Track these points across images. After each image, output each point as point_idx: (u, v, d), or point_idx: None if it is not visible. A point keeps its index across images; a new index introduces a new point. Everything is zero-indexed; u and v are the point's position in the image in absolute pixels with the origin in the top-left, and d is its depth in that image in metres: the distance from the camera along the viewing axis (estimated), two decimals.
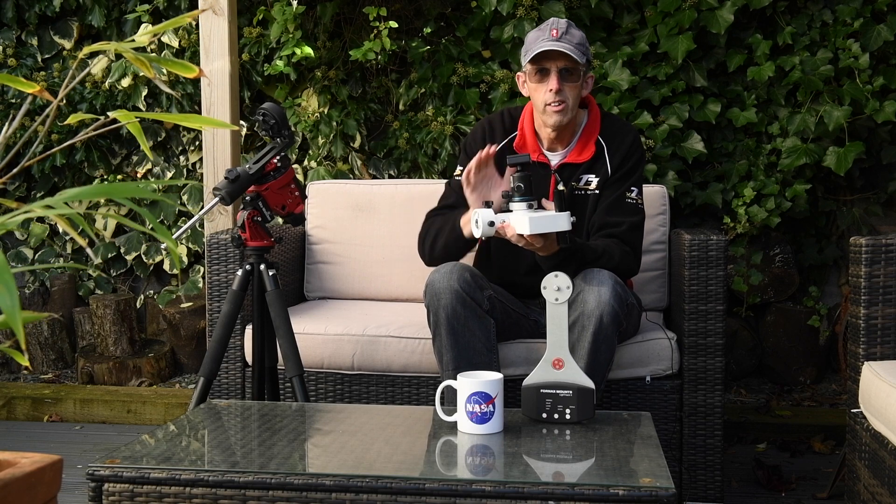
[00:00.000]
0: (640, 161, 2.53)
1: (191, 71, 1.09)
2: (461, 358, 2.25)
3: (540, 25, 2.49)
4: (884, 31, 3.41)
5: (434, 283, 2.28)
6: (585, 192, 2.51)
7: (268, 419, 1.87)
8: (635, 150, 2.53)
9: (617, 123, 2.58)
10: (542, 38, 2.41)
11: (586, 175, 2.51)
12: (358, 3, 3.74)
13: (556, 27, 2.42)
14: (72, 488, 2.67)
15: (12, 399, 3.60)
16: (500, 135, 2.58)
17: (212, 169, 3.39)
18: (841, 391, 3.53)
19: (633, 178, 2.50)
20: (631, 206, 2.47)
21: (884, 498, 2.05)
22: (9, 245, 4.16)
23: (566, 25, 2.44)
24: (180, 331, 3.89)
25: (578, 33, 2.45)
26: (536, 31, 2.46)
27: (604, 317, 2.21)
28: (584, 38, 2.46)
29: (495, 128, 2.60)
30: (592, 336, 2.22)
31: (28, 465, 1.12)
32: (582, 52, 2.42)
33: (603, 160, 2.51)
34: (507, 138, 2.57)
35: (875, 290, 2.27)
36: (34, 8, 3.99)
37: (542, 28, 2.45)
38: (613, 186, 2.49)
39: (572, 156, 2.52)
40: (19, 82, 1.02)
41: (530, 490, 1.44)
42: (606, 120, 2.57)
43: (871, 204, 3.61)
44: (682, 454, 2.57)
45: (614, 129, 2.55)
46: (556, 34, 2.40)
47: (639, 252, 2.49)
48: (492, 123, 2.61)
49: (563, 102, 2.43)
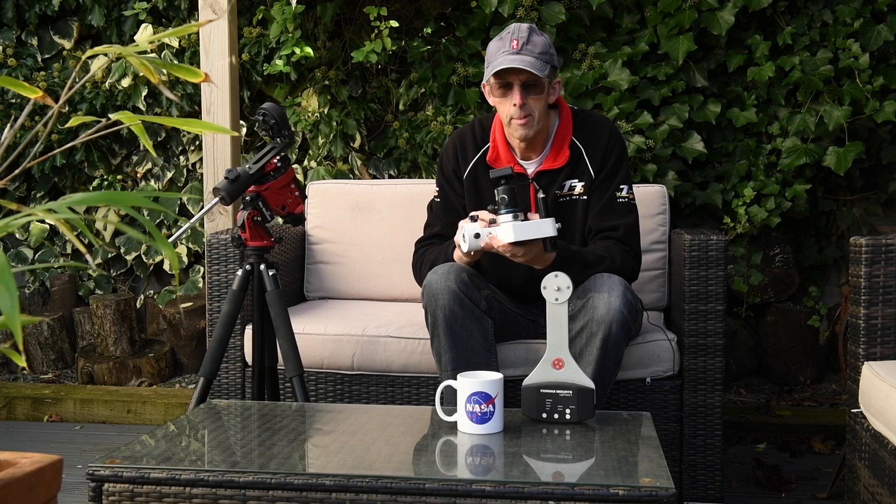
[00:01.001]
0: (621, 155, 2.46)
1: (196, 76, 1.09)
2: (460, 358, 2.25)
3: (501, 33, 2.38)
4: (884, 31, 3.41)
5: (431, 284, 2.27)
6: (571, 198, 2.45)
7: (268, 419, 1.87)
8: (614, 144, 2.44)
9: (590, 121, 2.49)
10: (503, 51, 2.32)
11: (569, 181, 2.44)
12: (358, 2, 3.74)
13: (517, 37, 2.31)
14: (72, 488, 2.67)
15: (12, 399, 3.60)
16: (472, 150, 2.51)
17: (212, 169, 3.40)
18: (841, 391, 3.53)
19: (620, 175, 2.44)
20: (623, 206, 2.43)
21: (884, 498, 2.06)
22: (9, 245, 4.16)
23: (527, 33, 2.33)
24: (180, 331, 3.89)
25: (541, 40, 2.34)
26: (497, 42, 2.36)
27: (613, 324, 2.20)
28: (547, 45, 2.35)
29: (466, 144, 2.52)
30: (601, 342, 2.20)
31: (28, 465, 1.12)
32: (545, 61, 2.32)
33: (583, 162, 2.44)
34: (479, 152, 2.50)
35: (875, 290, 2.27)
36: (34, 8, 3.99)
37: (503, 37, 2.35)
38: (601, 188, 2.43)
39: (548, 162, 2.45)
40: (22, 86, 1.02)
41: (530, 490, 1.44)
42: (578, 119, 2.48)
43: (871, 204, 3.61)
44: (682, 454, 2.57)
45: (588, 128, 2.46)
46: (516, 45, 2.30)
47: (639, 252, 2.47)
48: (463, 140, 2.54)
49: (527, 116, 2.35)
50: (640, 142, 3.45)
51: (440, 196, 2.55)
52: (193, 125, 1.09)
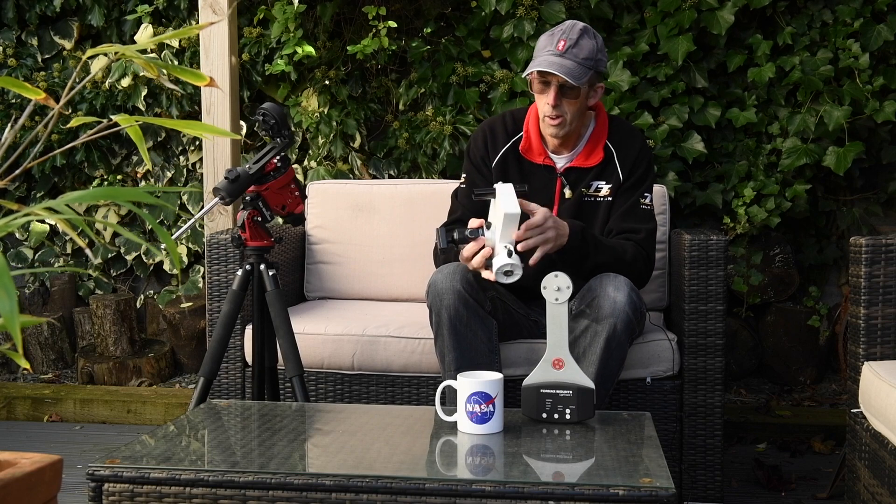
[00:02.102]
0: (650, 166, 2.51)
1: (201, 79, 1.09)
2: (463, 359, 2.25)
3: (553, 29, 2.41)
4: (884, 31, 3.41)
5: (436, 284, 2.27)
6: (595, 199, 2.47)
7: (268, 419, 1.87)
8: (645, 154, 2.50)
9: (625, 128, 2.54)
10: (548, 49, 2.34)
11: (596, 181, 2.47)
12: (358, 2, 3.74)
13: (566, 37, 2.33)
14: (72, 488, 2.67)
15: (12, 399, 3.60)
16: (503, 138, 2.53)
17: (212, 169, 3.40)
18: (841, 391, 3.53)
19: (647, 184, 2.48)
20: (646, 213, 2.45)
21: (884, 498, 2.06)
22: (8, 245, 4.16)
23: (578, 35, 2.34)
24: (180, 331, 3.89)
25: (589, 44, 2.35)
26: (547, 37, 2.38)
27: (618, 324, 2.20)
28: (593, 50, 2.35)
29: (497, 131, 2.54)
30: (605, 343, 2.20)
31: (28, 465, 1.12)
32: (588, 67, 2.34)
33: (613, 166, 2.48)
34: (510, 141, 2.53)
35: (875, 290, 2.27)
36: (34, 8, 3.99)
37: (553, 34, 2.37)
38: (627, 193, 2.46)
39: (579, 160, 2.48)
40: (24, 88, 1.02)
41: (530, 490, 1.44)
42: (614, 124, 2.53)
43: (871, 204, 3.61)
44: (682, 454, 2.57)
45: (622, 134, 2.51)
46: (562, 47, 2.32)
47: (653, 259, 2.48)
48: (493, 127, 2.56)
49: (559, 117, 2.38)
50: None
51: (466, 182, 2.54)
52: (194, 128, 1.08)
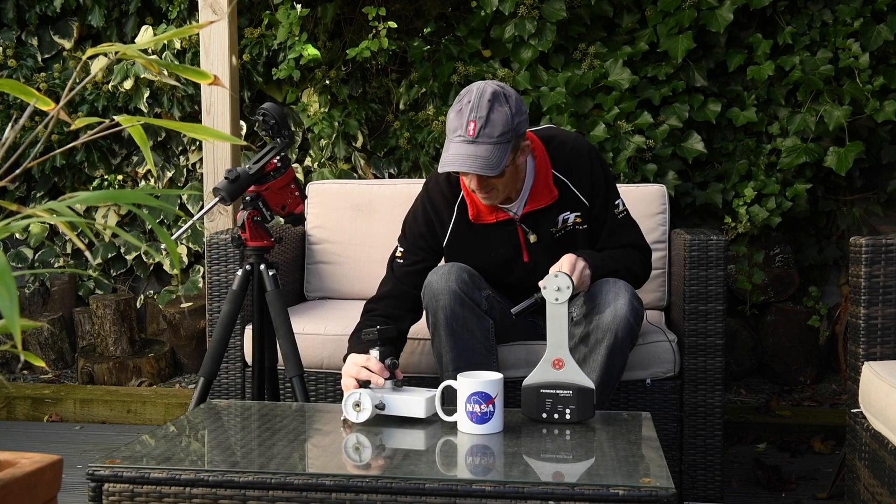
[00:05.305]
0: (608, 175, 2.36)
1: (205, 77, 1.08)
2: (461, 358, 2.25)
3: (461, 101, 2.12)
4: (884, 31, 3.41)
5: (432, 284, 2.26)
6: (567, 230, 2.35)
7: (268, 419, 1.87)
8: (597, 166, 2.34)
9: (566, 149, 2.33)
10: (458, 134, 2.09)
11: (562, 214, 2.33)
12: (358, 3, 3.74)
13: (475, 116, 2.07)
14: (72, 488, 2.68)
15: (12, 399, 3.60)
16: (447, 212, 2.36)
17: (212, 169, 3.40)
18: (841, 391, 3.53)
19: (612, 193, 2.37)
20: (626, 220, 2.39)
21: (884, 498, 2.06)
22: (8, 245, 4.16)
23: (487, 109, 2.07)
24: (180, 331, 3.89)
25: (501, 116, 2.07)
26: (455, 116, 2.11)
27: (619, 331, 2.19)
28: (508, 120, 2.08)
29: (438, 207, 2.36)
30: (607, 350, 2.20)
31: (28, 465, 1.12)
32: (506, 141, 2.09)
33: (572, 194, 2.33)
34: (454, 212, 2.35)
35: (875, 290, 2.27)
36: (34, 8, 3.99)
37: (462, 111, 2.10)
38: (601, 214, 2.35)
39: (533, 203, 2.31)
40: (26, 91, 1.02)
41: (530, 490, 1.44)
42: (553, 150, 2.32)
43: (871, 204, 3.61)
44: (682, 454, 2.57)
45: (566, 157, 2.32)
46: (473, 130, 2.07)
47: (650, 251, 2.45)
48: (434, 204, 2.36)
49: (491, 190, 2.20)
50: (640, 141, 3.45)
51: (404, 258, 2.38)
52: (198, 132, 1.08)
